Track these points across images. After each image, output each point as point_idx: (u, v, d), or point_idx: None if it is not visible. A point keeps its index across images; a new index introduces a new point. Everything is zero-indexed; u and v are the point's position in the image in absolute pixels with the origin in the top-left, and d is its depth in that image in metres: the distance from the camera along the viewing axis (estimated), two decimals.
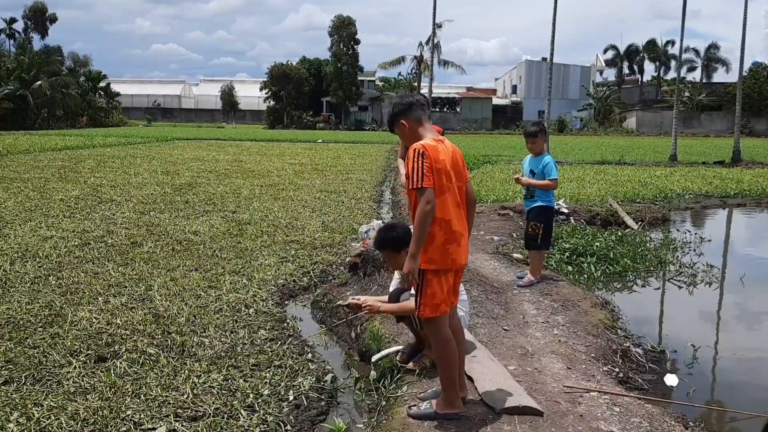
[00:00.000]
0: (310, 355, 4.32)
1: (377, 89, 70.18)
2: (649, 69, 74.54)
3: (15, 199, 10.69)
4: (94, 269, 6.22)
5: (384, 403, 3.50)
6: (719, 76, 68.44)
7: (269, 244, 7.72)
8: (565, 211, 9.98)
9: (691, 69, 69.45)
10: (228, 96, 70.23)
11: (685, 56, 68.56)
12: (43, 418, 3.22)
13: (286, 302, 5.60)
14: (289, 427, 3.35)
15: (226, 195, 11.93)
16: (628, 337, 4.90)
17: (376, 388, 3.74)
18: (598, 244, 7.85)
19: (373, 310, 3.93)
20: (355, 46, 63.40)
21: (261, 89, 65.32)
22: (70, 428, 3.14)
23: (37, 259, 6.55)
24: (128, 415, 3.28)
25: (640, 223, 9.88)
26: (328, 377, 3.88)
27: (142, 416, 3.28)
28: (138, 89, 76.82)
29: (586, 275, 6.87)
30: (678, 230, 9.86)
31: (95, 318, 4.75)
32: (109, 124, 56.14)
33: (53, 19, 73.33)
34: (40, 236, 7.70)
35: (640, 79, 74.41)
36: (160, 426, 3.20)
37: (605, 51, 73.70)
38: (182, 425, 3.24)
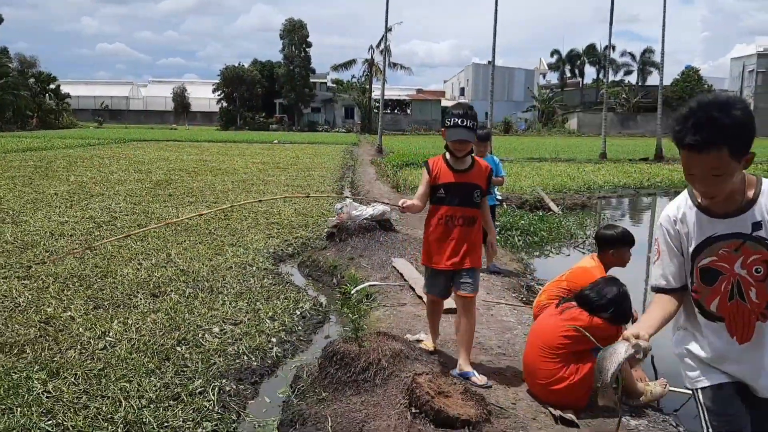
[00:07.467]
0: (305, 292, 5.96)
1: (330, 91, 71.74)
2: (591, 72, 78.56)
3: (12, 194, 11.87)
4: (118, 243, 7.67)
5: (362, 312, 5.16)
6: (654, 78, 72.85)
7: (254, 225, 9.28)
8: (499, 198, 11.82)
9: (628, 72, 73.86)
10: (180, 97, 70.48)
11: (622, 60, 72.88)
12: (134, 324, 4.76)
13: (279, 264, 7.20)
14: (300, 328, 5.00)
15: (203, 189, 13.35)
16: (534, 279, 6.71)
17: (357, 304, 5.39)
18: (523, 222, 9.70)
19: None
20: (307, 49, 64.77)
21: (213, 91, 66.01)
22: (156, 327, 4.69)
23: (65, 238, 7.94)
24: (192, 321, 4.85)
25: (560, 207, 11.83)
26: (323, 299, 5.54)
27: (200, 321, 4.86)
28: (85, 90, 75.84)
29: (510, 244, 8.69)
30: (592, 213, 11.85)
31: (138, 273, 6.26)
32: (60, 126, 55.90)
33: None
34: (56, 221, 9.03)
35: (581, 82, 78.27)
36: (215, 326, 4.79)
37: (552, 55, 77.36)
38: (229, 326, 4.83)
